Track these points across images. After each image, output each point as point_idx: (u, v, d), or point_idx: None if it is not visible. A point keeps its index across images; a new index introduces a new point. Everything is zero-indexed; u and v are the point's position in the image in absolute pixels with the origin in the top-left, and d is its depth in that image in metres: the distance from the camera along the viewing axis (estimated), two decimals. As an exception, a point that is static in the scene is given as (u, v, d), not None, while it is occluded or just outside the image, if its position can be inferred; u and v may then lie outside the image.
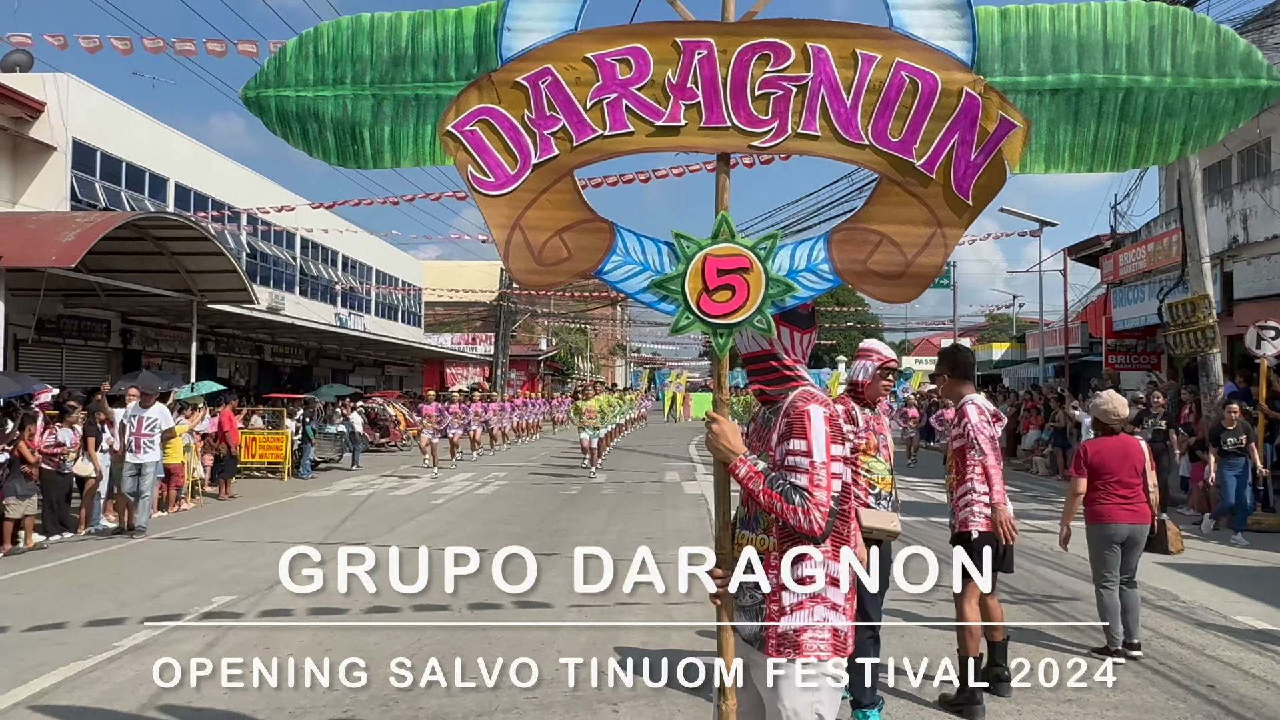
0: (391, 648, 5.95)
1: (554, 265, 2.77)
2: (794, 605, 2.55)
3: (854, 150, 2.69)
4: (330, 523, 11.70)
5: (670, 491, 15.20)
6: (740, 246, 2.66)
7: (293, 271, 30.83)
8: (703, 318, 2.66)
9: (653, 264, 2.72)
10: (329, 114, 2.85)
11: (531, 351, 49.43)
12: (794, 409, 2.55)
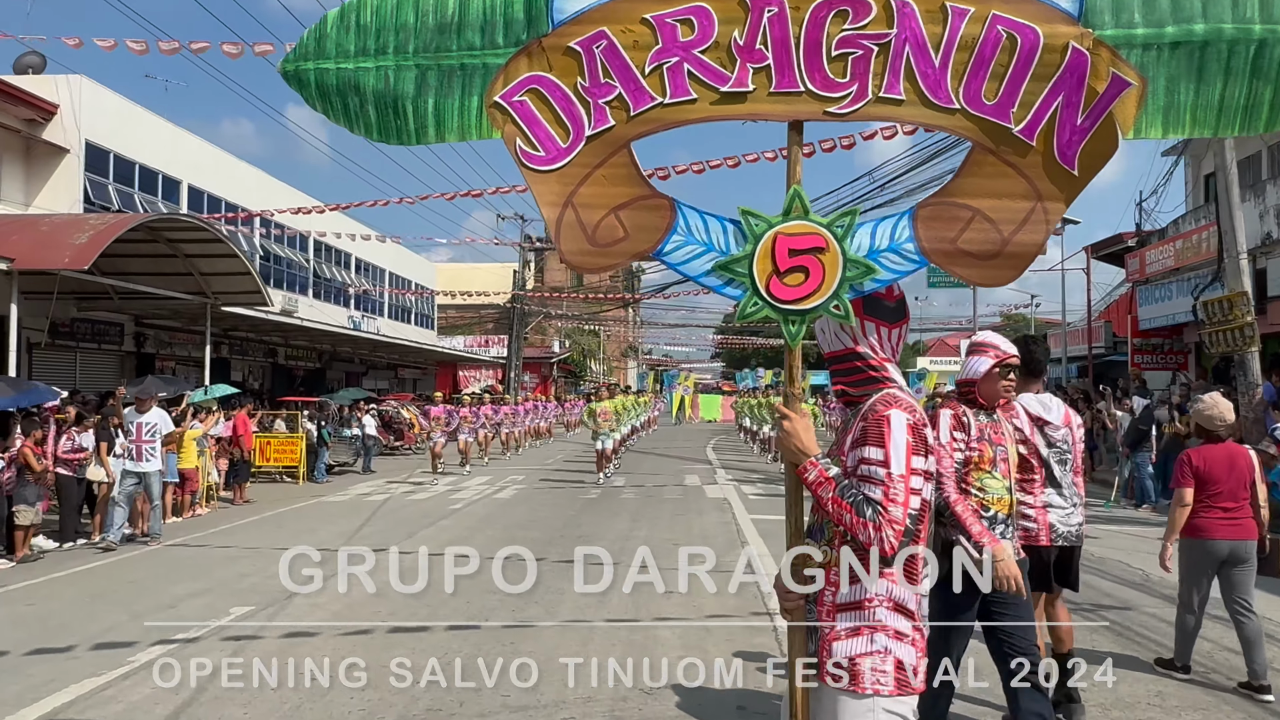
0: (419, 662, 5.67)
1: (609, 246, 2.48)
2: (850, 629, 2.24)
3: (943, 115, 2.40)
4: (347, 528, 11.45)
5: (692, 495, 14.91)
6: (815, 224, 2.36)
7: (306, 274, 30.70)
8: (773, 303, 2.37)
9: (717, 244, 2.43)
10: (370, 86, 2.60)
11: (544, 354, 49.24)
12: (873, 413, 2.27)
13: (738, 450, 27.39)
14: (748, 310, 2.40)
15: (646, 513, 12.69)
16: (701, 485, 16.51)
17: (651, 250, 2.47)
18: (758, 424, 23.41)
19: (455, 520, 12.11)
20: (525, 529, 11.22)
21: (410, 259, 42.10)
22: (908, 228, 2.38)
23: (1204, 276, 16.35)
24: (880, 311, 2.40)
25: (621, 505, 13.53)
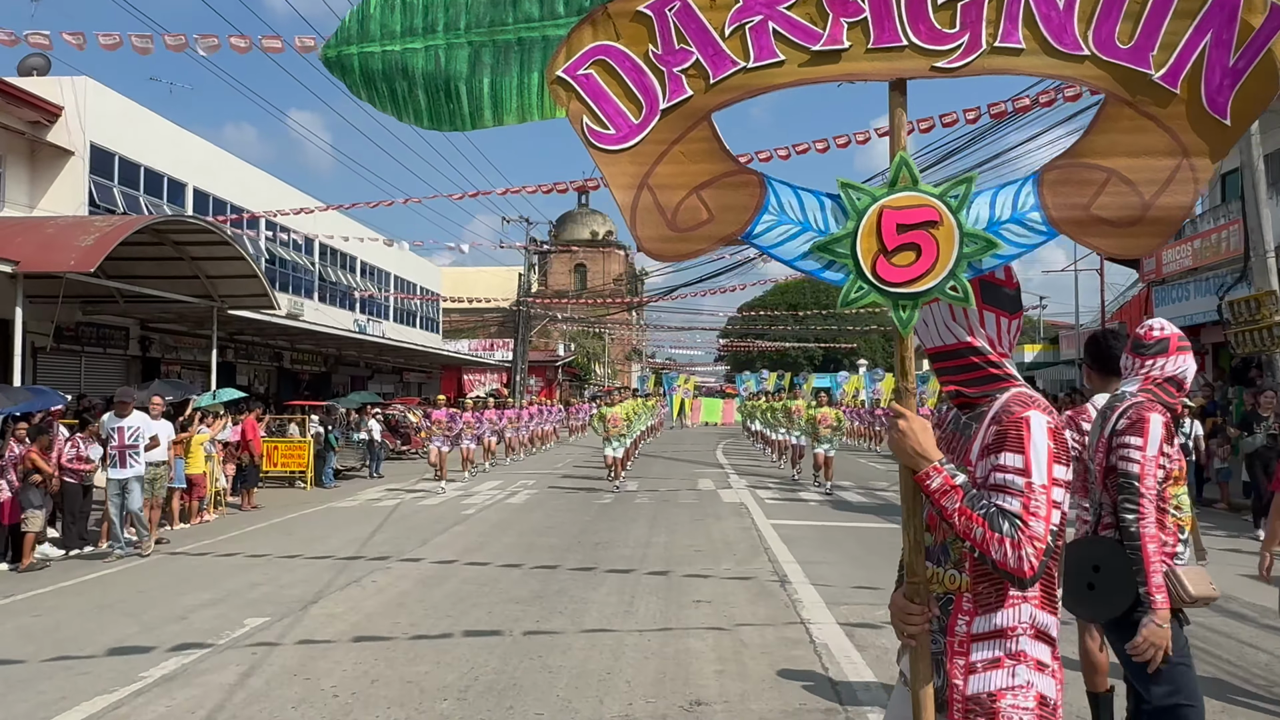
0: (443, 678, 5.41)
1: (691, 230, 2.20)
2: (987, 662, 1.97)
3: (1069, 64, 2.10)
4: (359, 535, 11.20)
5: (708, 500, 14.66)
6: (926, 195, 2.08)
7: (311, 278, 30.52)
8: (880, 286, 2.08)
9: (814, 222, 2.15)
10: (420, 69, 2.35)
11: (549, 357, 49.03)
12: (1008, 415, 1.99)
13: (748, 454, 27.15)
14: (851, 296, 2.11)
15: (664, 518, 12.44)
16: (716, 490, 16.28)
17: (740, 232, 2.20)
18: (770, 428, 22.94)
19: (469, 526, 11.85)
20: (542, 535, 10.96)
21: (415, 262, 41.92)
22: (1032, 194, 2.09)
23: (1223, 276, 16.09)
24: (999, 299, 2.13)
25: (638, 511, 13.27)
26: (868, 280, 2.09)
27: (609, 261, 70.48)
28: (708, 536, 10.80)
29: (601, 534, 11.04)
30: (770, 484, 17.37)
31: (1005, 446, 1.94)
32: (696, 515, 12.72)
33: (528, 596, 7.57)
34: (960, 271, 2.06)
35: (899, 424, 2.03)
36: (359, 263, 34.65)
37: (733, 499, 14.75)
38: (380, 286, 36.98)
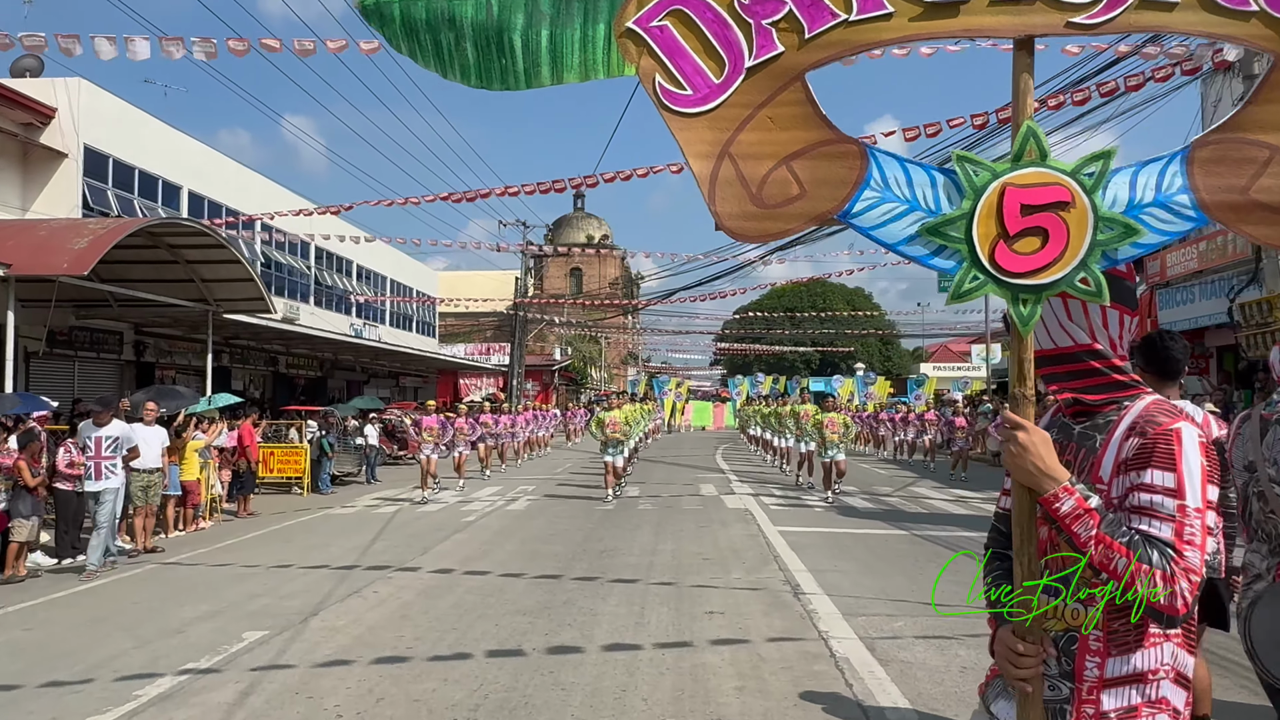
0: (452, 696, 5.18)
1: (779, 207, 1.90)
2: (1123, 711, 1.72)
3: (1232, 22, 1.81)
4: (359, 543, 10.95)
5: (712, 506, 14.44)
6: (1057, 172, 1.79)
7: (307, 281, 30.23)
8: (999, 277, 1.80)
9: (923, 200, 1.86)
10: (469, 19, 2.07)
11: (545, 361, 48.76)
12: (1154, 426, 1.72)
13: (748, 459, 26.96)
14: (965, 287, 1.82)
15: (668, 525, 12.21)
16: (719, 495, 16.06)
17: (835, 210, 1.89)
18: (772, 433, 22.39)
19: (470, 534, 11.61)
20: (546, 543, 10.73)
21: (411, 266, 41.63)
22: (1180, 174, 1.81)
23: (1229, 279, 15.93)
24: (1122, 294, 1.85)
25: (641, 517, 13.04)
26: (984, 269, 1.80)
27: (605, 265, 70.25)
28: (714, 544, 10.57)
29: (606, 541, 10.81)
30: (774, 489, 17.16)
31: (1152, 463, 1.68)
32: (701, 521, 12.49)
33: (535, 608, 7.33)
34: (1093, 262, 1.77)
35: (1018, 438, 1.74)
36: (355, 266, 34.37)
37: (737, 505, 14.54)
38: (376, 290, 36.72)
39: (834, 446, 15.07)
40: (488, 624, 6.82)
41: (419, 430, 16.35)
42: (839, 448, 15.13)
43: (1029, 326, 1.81)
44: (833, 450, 15.09)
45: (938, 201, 1.86)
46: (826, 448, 15.15)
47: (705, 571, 8.86)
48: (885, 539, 10.90)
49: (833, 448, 15.09)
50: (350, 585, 8.34)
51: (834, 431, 15.06)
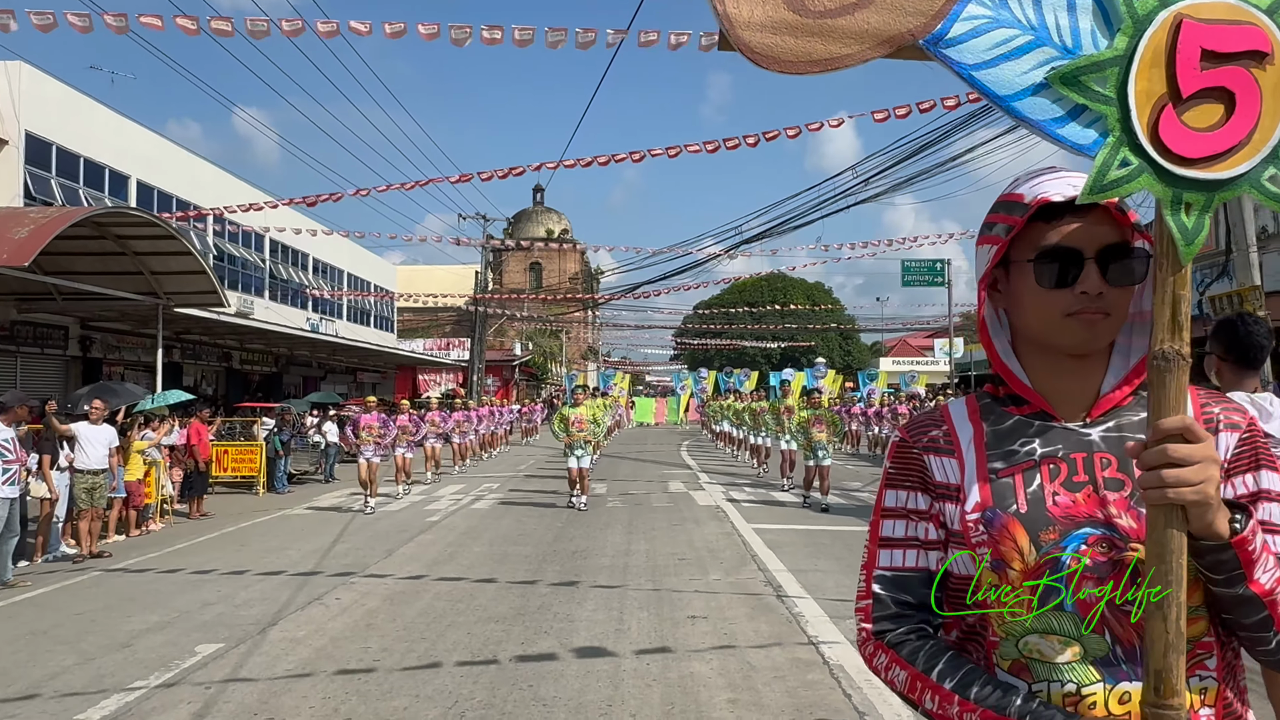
0: (424, 713, 4.82)
1: (831, 17, 1.16)
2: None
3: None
4: (318, 545, 10.51)
5: (682, 503, 14.18)
6: (1250, 6, 1.16)
7: (262, 275, 29.56)
8: (1163, 163, 1.15)
9: (1056, 31, 1.18)
10: None
11: (505, 357, 48.20)
12: (1238, 416, 1.32)
13: (712, 454, 26.81)
14: (1112, 175, 1.16)
15: (640, 523, 11.92)
16: (689, 492, 15.82)
17: (920, 31, 1.17)
18: (747, 430, 20.72)
19: (436, 535, 11.21)
20: (515, 544, 10.38)
21: (369, 260, 40.96)
22: None
23: (1197, 272, 16.01)
24: None
25: (611, 516, 12.74)
26: (1140, 148, 1.16)
27: (565, 260, 69.76)
28: (690, 543, 10.31)
29: (577, 542, 10.49)
30: (744, 485, 16.96)
31: (1263, 464, 1.30)
32: (674, 520, 12.23)
33: (509, 614, 6.99)
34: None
35: (1195, 454, 1.14)
36: (311, 260, 33.69)
37: (707, 502, 14.30)
38: (333, 284, 36.02)
39: (821, 449, 13.24)
40: (459, 632, 6.45)
41: (357, 430, 14.16)
42: (827, 450, 13.30)
43: (1193, 247, 1.16)
44: (820, 453, 13.21)
45: (1076, 34, 1.18)
46: (814, 449, 13.26)
47: (683, 573, 8.59)
48: (863, 537, 10.69)
49: (820, 449, 13.24)
50: (311, 592, 7.92)
51: (821, 432, 13.28)
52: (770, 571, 8.58)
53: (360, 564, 9.24)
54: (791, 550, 9.76)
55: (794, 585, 7.97)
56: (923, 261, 30.47)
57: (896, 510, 1.41)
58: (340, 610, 7.22)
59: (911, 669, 1.33)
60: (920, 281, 30.37)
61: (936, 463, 1.38)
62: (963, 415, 1.41)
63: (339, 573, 8.79)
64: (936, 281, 30.24)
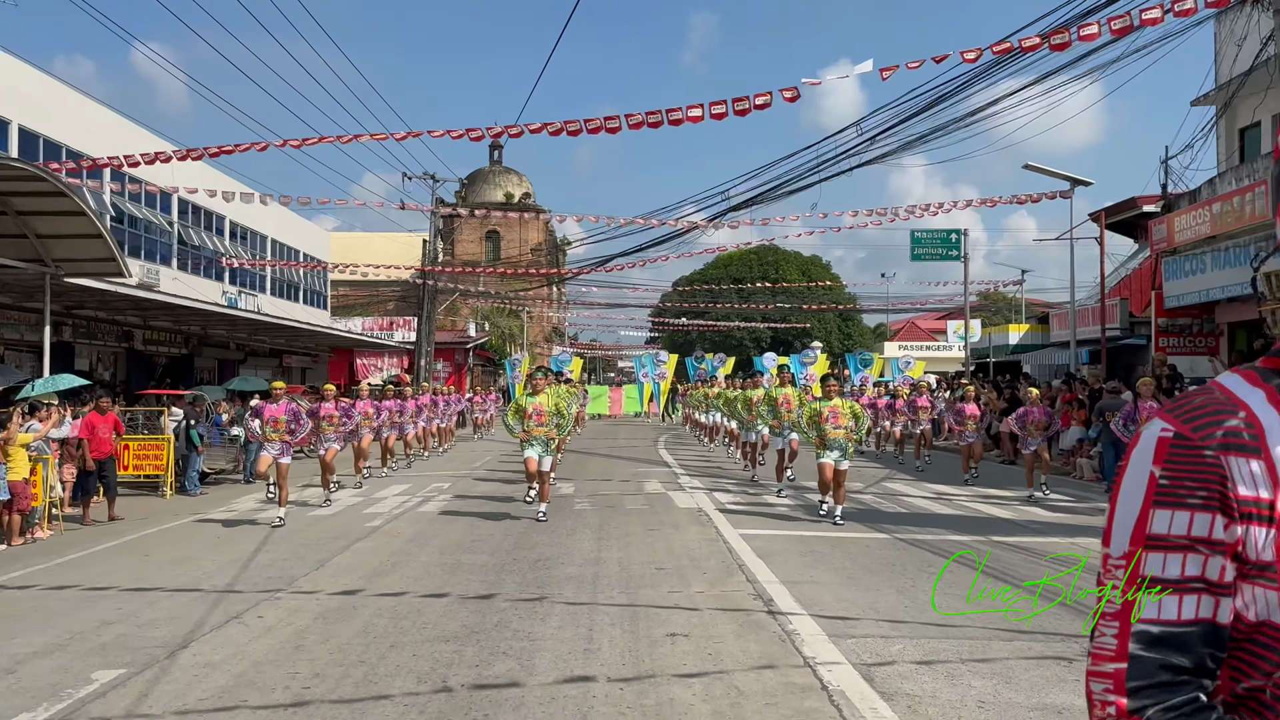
0: (362, 749, 4.75)
1: None
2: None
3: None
4: (238, 555, 10.39)
5: (659, 505, 14.20)
6: None
7: (170, 240, 29.21)
8: None
9: None
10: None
11: (458, 338, 48.00)
12: None
13: (694, 449, 26.87)
14: None
15: (612, 528, 11.91)
16: (666, 492, 15.85)
17: None
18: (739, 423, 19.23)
19: (376, 542, 11.13)
20: (469, 552, 10.33)
21: (297, 225, 40.56)
22: None
23: (1248, 246, 16.21)
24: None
25: (579, 519, 12.71)
26: None
27: (526, 228, 69.53)
28: (669, 550, 10.32)
29: (540, 549, 10.46)
30: (728, 485, 17.00)
31: None
32: (650, 524, 12.23)
33: (461, 633, 6.94)
34: None
35: None
36: (228, 223, 33.32)
37: (688, 503, 14.32)
38: (255, 253, 35.60)
39: (838, 448, 12.21)
40: (403, 654, 6.39)
41: (262, 423, 13.27)
42: (845, 450, 12.29)
43: None
44: (835, 452, 12.21)
45: None
46: (827, 448, 12.26)
47: (661, 584, 8.59)
48: (865, 545, 10.78)
49: (836, 449, 12.22)
50: (228, 609, 7.82)
51: (838, 426, 12.24)
52: (760, 583, 8.61)
53: (287, 577, 9.14)
54: (784, 559, 9.80)
55: (787, 599, 7.98)
56: (935, 232, 30.60)
57: (1175, 541, 1.17)
58: (263, 630, 7.13)
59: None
60: (932, 255, 30.48)
61: (1241, 467, 1.15)
62: (1259, 399, 1.20)
63: (262, 587, 8.69)
64: (951, 255, 30.38)
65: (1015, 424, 15.99)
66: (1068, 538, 11.26)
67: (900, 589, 8.44)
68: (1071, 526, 12.26)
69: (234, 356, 34.28)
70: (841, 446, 12.25)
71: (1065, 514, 13.48)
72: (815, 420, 12.52)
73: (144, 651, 6.58)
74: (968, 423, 16.88)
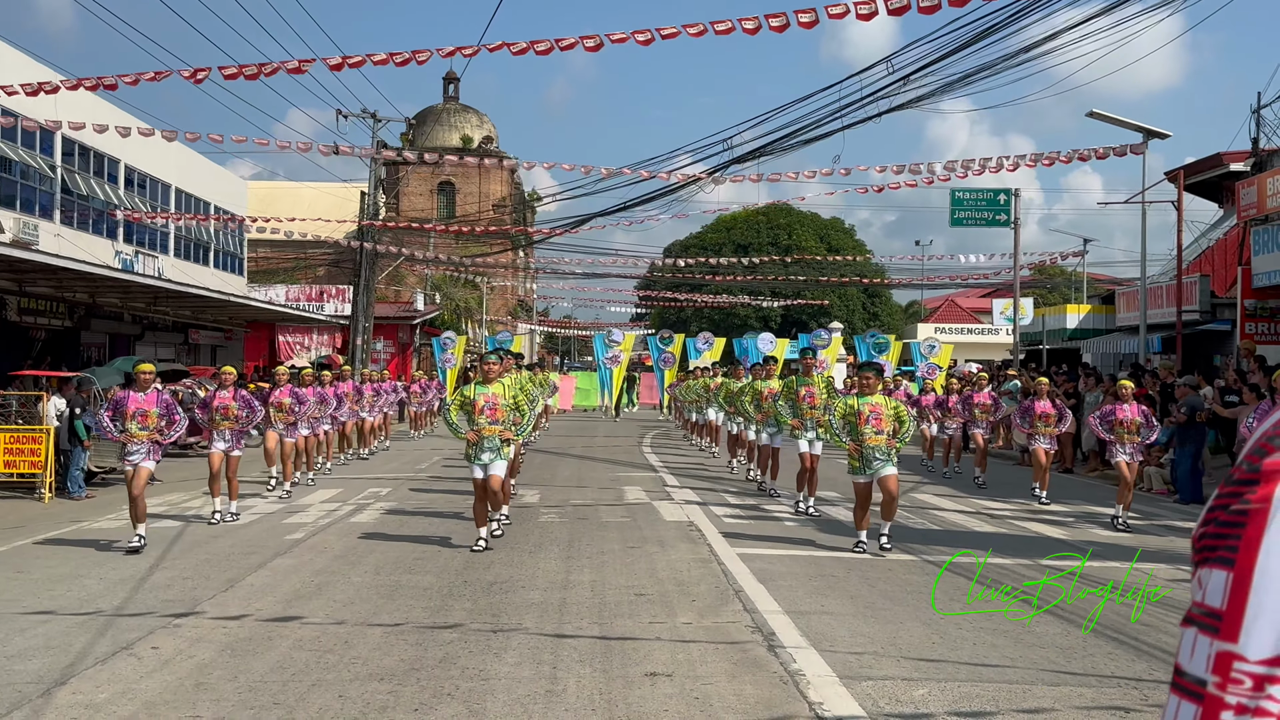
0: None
1: None
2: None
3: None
4: (129, 573, 10.42)
5: (642, 517, 14.30)
6: None
7: (51, 189, 29.05)
8: None
9: None
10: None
11: (403, 313, 47.89)
12: None
13: (679, 448, 26.92)
14: None
15: (585, 545, 11.99)
16: (651, 502, 15.96)
17: None
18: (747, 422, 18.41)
19: (299, 558, 11.18)
20: (410, 571, 10.42)
21: (208, 171, 40.37)
22: None
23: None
24: None
25: (545, 534, 12.79)
26: None
27: (487, 180, 69.41)
28: (651, 573, 10.40)
29: (497, 569, 10.54)
30: (723, 492, 17.08)
31: None
32: (631, 540, 12.32)
33: (398, 669, 7.00)
34: None
35: None
36: (123, 168, 33.12)
37: (677, 516, 14.42)
38: (156, 204, 35.41)
39: (881, 457, 11.69)
40: (327, 695, 6.44)
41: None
42: (889, 456, 11.76)
43: None
44: (878, 462, 11.66)
45: None
46: (867, 461, 11.71)
47: (641, 613, 8.67)
48: (887, 567, 10.89)
49: (878, 457, 11.68)
50: (117, 638, 7.86)
51: (879, 430, 11.73)
52: (760, 613, 8.68)
53: (189, 599, 9.17)
54: (790, 583, 9.89)
55: (792, 632, 8.06)
56: (980, 192, 30.52)
57: None
58: (159, 664, 7.17)
59: None
60: (976, 220, 30.52)
61: None
62: None
63: (159, 612, 8.72)
64: (998, 220, 30.45)
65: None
66: (1132, 562, 11.34)
67: (927, 621, 8.52)
68: (1136, 550, 12.32)
69: (129, 331, 34.06)
70: (884, 455, 11.67)
71: (1130, 534, 13.57)
72: (852, 421, 11.86)
73: (13, 689, 6.60)
74: (1038, 424, 16.45)
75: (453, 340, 40.25)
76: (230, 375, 14.22)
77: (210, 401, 14.24)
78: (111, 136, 27.35)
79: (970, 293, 67.24)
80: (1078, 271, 50.40)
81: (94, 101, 27.50)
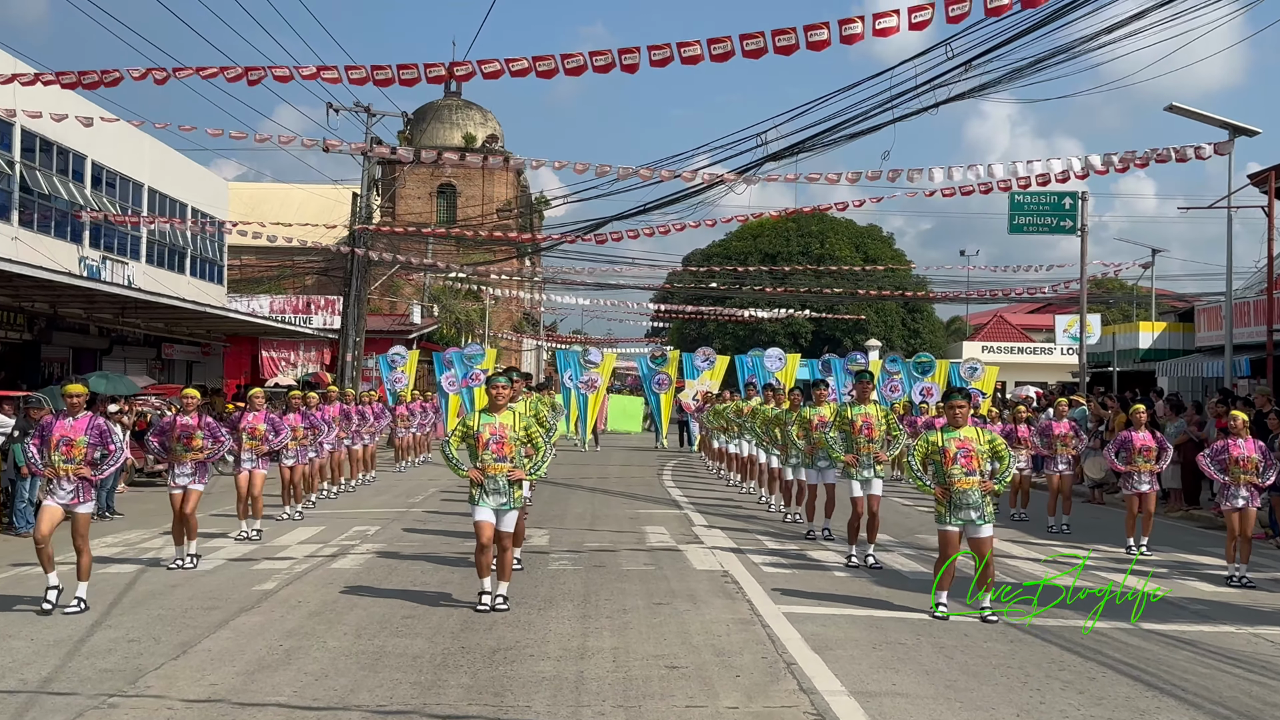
0: None
1: None
2: None
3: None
4: (69, 631, 9.73)
5: (669, 565, 13.53)
6: None
7: (9, 187, 28.93)
8: None
9: None
10: None
11: (399, 325, 47.64)
12: None
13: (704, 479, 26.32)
14: None
15: (603, 600, 11.25)
16: (678, 546, 15.26)
17: None
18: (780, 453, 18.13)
19: (267, 615, 10.45)
20: (398, 633, 9.73)
21: (185, 170, 40.33)
22: None
23: None
24: None
25: (556, 585, 12.04)
26: None
27: (491, 181, 69.11)
28: (684, 638, 9.64)
29: (500, 631, 9.82)
30: (762, 535, 16.30)
31: None
32: (656, 595, 11.56)
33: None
34: None
35: None
36: (90, 165, 32.90)
37: (709, 564, 13.67)
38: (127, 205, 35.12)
39: (971, 505, 10.95)
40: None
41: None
42: (983, 505, 10.99)
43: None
44: (972, 511, 10.90)
45: None
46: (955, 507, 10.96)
47: (675, 693, 7.96)
48: (964, 633, 10.10)
49: (972, 504, 10.94)
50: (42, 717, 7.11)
51: (971, 471, 10.93)
52: (820, 693, 7.98)
53: (131, 669, 8.46)
54: (850, 654, 9.20)
55: (853, 713, 7.33)
56: (1044, 195, 29.68)
57: None
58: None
59: None
60: (1039, 226, 29.91)
61: None
62: None
63: (93, 687, 8.03)
64: (1063, 226, 29.81)
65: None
66: (1245, 625, 10.55)
67: (1022, 707, 7.77)
68: (1246, 610, 11.48)
69: (96, 345, 33.89)
70: (978, 505, 10.75)
71: (1233, 589, 12.67)
72: (936, 460, 11.02)
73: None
74: (1137, 459, 15.27)
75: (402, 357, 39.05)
76: (194, 399, 13.35)
77: (169, 429, 13.38)
78: (75, 129, 26.94)
79: (1018, 308, 66.57)
80: (1140, 286, 49.56)
81: (61, 95, 27.10)
